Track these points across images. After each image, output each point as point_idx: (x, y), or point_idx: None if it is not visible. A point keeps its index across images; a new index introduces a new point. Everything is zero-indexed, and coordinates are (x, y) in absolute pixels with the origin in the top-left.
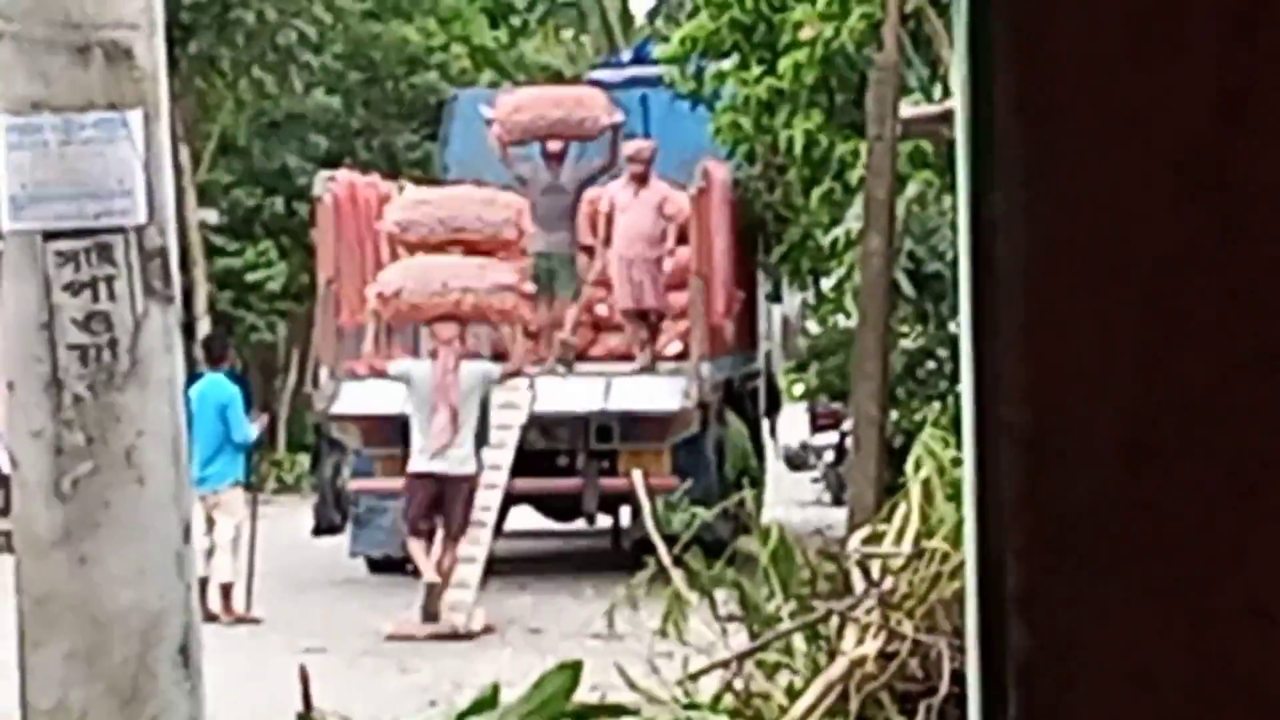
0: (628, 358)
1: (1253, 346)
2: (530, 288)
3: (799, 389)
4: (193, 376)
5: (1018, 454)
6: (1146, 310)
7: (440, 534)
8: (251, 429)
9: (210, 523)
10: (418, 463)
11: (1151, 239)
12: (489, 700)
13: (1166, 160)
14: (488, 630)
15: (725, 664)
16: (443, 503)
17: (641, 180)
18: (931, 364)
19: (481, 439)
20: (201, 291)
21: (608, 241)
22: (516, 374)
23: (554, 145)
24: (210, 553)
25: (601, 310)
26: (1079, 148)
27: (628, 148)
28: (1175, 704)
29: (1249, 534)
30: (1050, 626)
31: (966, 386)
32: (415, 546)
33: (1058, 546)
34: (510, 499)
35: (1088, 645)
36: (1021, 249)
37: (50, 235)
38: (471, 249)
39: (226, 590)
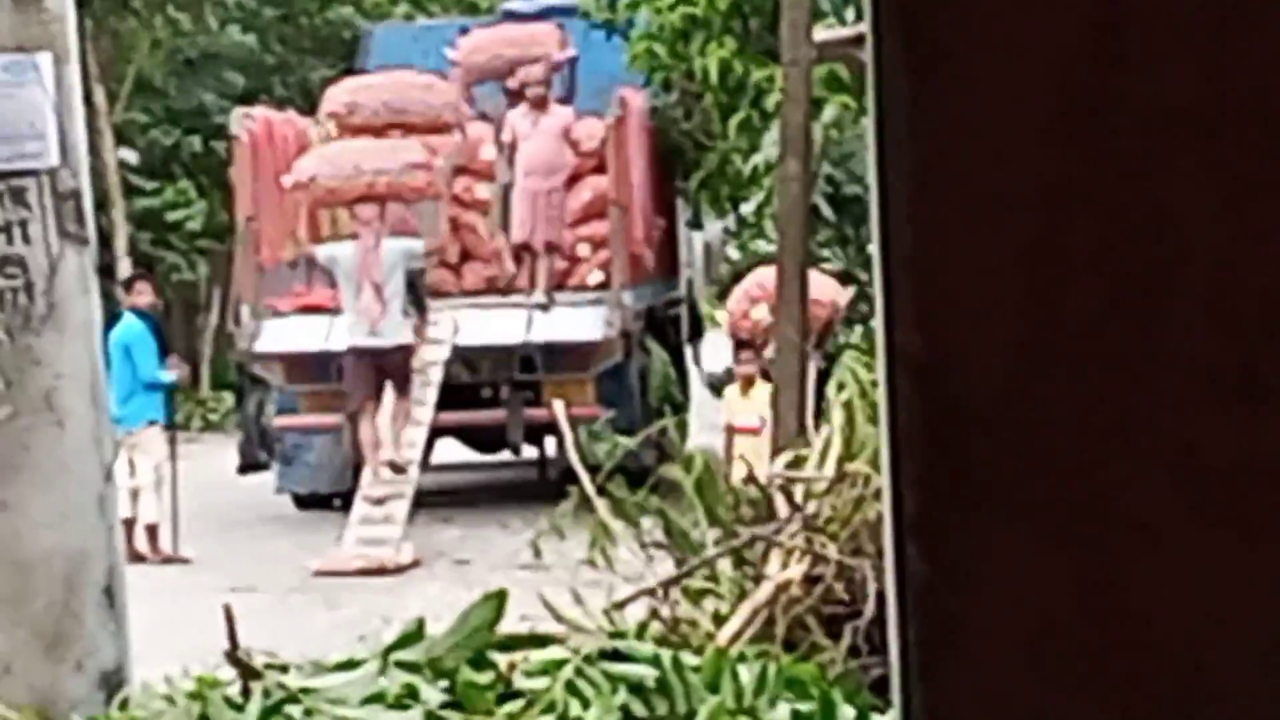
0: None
1: (1134, 275)
2: (440, 164)
3: (721, 314)
4: (112, 318)
5: (911, 381)
6: (1031, 242)
7: (390, 400)
8: (166, 371)
9: (132, 465)
10: (353, 338)
11: (1032, 171)
12: (415, 634)
13: (1044, 93)
14: (415, 564)
15: (651, 592)
16: (384, 373)
17: (540, 105)
18: (853, 288)
19: (419, 310)
20: (121, 232)
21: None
22: (441, 249)
23: (512, 82)
24: (135, 494)
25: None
26: (959, 82)
27: (519, 73)
28: (1063, 626)
29: (1131, 459)
30: (943, 552)
31: (879, 311)
32: (364, 427)
33: (948, 474)
34: (435, 432)
35: (979, 570)
36: (907, 180)
37: None
38: (412, 131)
39: (153, 531)
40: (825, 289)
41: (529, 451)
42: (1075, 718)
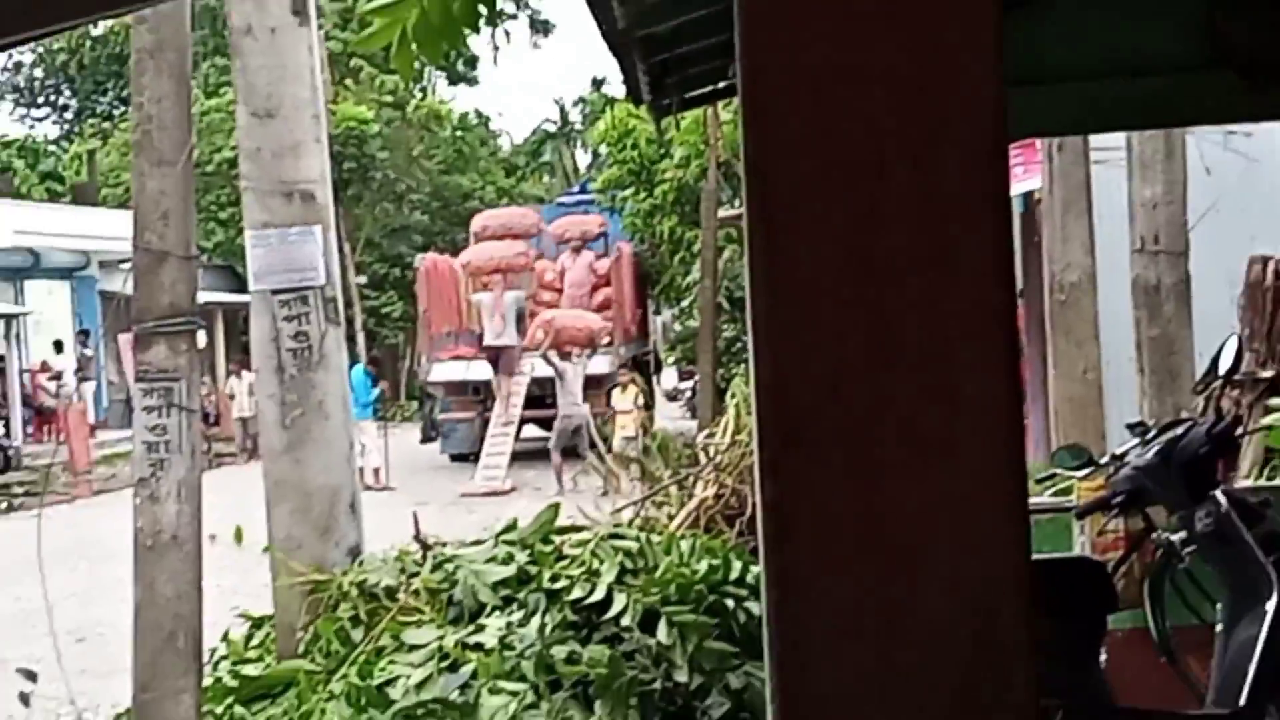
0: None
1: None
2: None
3: (671, 359)
4: (352, 364)
5: (765, 392)
6: (827, 322)
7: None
8: (374, 392)
9: (360, 441)
10: (489, 339)
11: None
12: (512, 526)
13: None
14: (512, 490)
15: (636, 504)
16: (502, 358)
17: (577, 251)
18: (738, 344)
19: (519, 330)
20: (358, 319)
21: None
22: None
23: (574, 243)
24: (362, 454)
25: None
26: (786, 238)
27: (570, 234)
28: (848, 518)
29: (880, 428)
30: (781, 479)
31: (750, 353)
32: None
33: (786, 441)
34: (521, 421)
35: (800, 492)
36: (761, 291)
37: (275, 292)
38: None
39: (376, 472)
40: (589, 321)
41: None
42: (862, 572)
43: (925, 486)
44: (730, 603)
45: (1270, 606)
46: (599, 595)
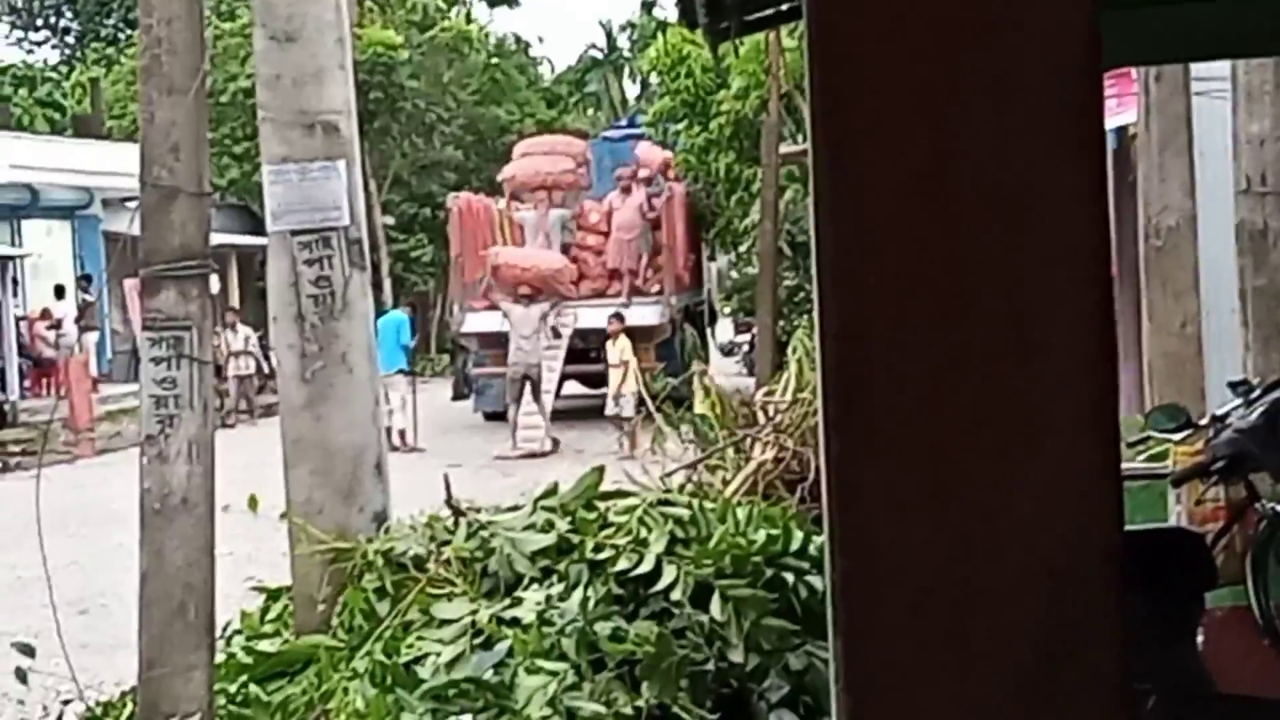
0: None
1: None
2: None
3: (728, 309)
4: (378, 313)
5: (831, 343)
6: (904, 259)
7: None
8: (412, 340)
9: (387, 397)
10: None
11: (904, 216)
12: (552, 491)
13: (920, 148)
14: (552, 451)
15: (688, 467)
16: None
17: (627, 191)
18: (801, 294)
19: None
20: (384, 264)
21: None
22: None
23: (625, 181)
24: (390, 412)
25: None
26: (862, 170)
27: (619, 171)
28: (921, 479)
29: (954, 390)
30: (847, 435)
31: (815, 302)
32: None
33: (853, 396)
34: (563, 377)
35: (870, 451)
36: (830, 229)
37: (295, 233)
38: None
39: (403, 433)
40: (539, 261)
41: None
42: (936, 541)
43: (1005, 448)
44: (790, 576)
45: None
46: (647, 567)
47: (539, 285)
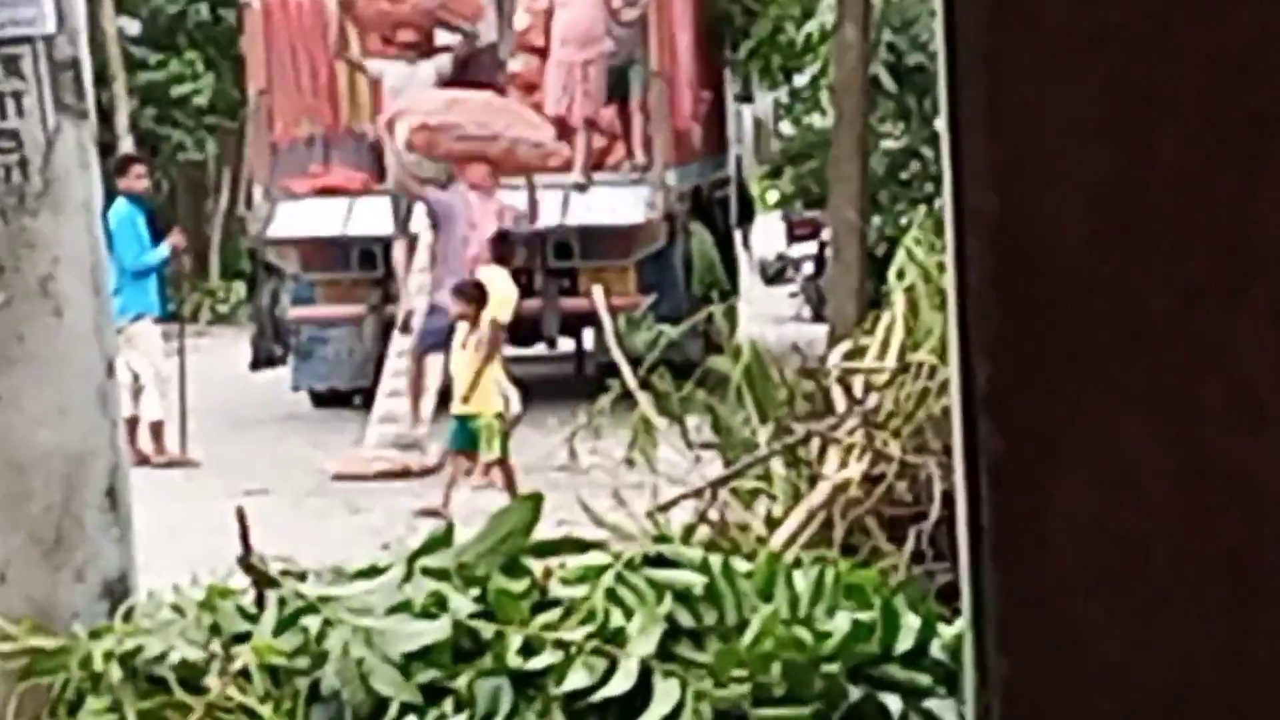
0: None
1: (1233, 120)
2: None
3: (773, 196)
4: (112, 199)
5: (984, 244)
6: (1116, 83)
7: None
8: (152, 253)
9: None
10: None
11: (1119, 16)
12: (443, 539)
13: None
14: (441, 465)
15: (698, 493)
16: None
17: None
18: (915, 164)
19: None
20: (123, 108)
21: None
22: None
23: None
24: (137, 392)
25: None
26: None
27: None
28: (1157, 501)
29: (1232, 318)
30: (1020, 425)
31: (946, 180)
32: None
33: (1026, 340)
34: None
35: (1060, 444)
36: (983, 30)
37: None
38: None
39: (157, 429)
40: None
41: (565, 344)
42: (1171, 604)
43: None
44: (894, 701)
45: None
46: (623, 684)
47: (500, 157)
